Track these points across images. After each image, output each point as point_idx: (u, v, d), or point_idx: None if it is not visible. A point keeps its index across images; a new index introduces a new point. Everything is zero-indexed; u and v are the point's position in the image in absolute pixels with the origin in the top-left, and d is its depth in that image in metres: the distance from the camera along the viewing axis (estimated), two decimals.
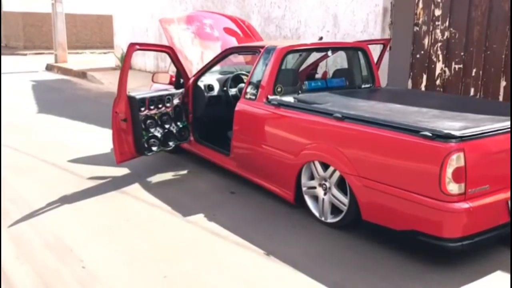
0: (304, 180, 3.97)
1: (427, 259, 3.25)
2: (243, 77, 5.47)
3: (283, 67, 4.44)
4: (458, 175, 2.97)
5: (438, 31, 6.55)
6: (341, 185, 3.69)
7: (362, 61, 4.99)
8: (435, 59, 6.62)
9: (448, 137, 2.98)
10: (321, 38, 4.90)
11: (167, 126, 4.93)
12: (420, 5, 6.70)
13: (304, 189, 3.99)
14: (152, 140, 4.77)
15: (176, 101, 5.03)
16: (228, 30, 6.18)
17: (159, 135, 4.83)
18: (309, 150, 3.83)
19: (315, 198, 3.95)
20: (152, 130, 4.76)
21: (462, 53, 6.30)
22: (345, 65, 5.14)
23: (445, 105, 3.99)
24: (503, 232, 3.24)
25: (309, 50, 4.80)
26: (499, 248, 3.38)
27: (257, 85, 4.43)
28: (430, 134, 3.02)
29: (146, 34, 12.92)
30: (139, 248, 3.46)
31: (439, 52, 6.57)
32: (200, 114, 5.30)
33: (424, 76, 6.77)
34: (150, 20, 12.59)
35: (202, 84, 5.28)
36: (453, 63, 6.43)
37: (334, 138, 3.63)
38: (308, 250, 3.42)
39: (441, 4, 6.46)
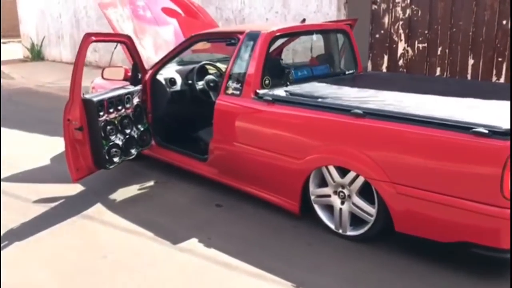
0: (312, 187, 3.40)
1: (479, 274, 2.84)
2: (208, 67, 4.75)
3: (269, 56, 3.81)
4: None
5: (398, 9, 6.21)
6: (363, 192, 3.17)
7: (346, 44, 4.48)
8: (396, 39, 6.30)
9: (507, 133, 2.55)
10: (303, 20, 4.31)
11: (127, 131, 4.12)
12: None
13: (312, 197, 3.43)
14: (114, 150, 3.95)
15: (136, 100, 4.22)
16: (168, 11, 5.39)
17: (120, 142, 4.01)
18: (320, 153, 3.26)
19: (327, 207, 3.41)
20: (112, 138, 3.93)
21: (426, 32, 6.02)
22: (325, 50, 4.59)
23: (457, 91, 3.60)
24: None
25: (295, 34, 4.19)
26: None
27: (240, 78, 3.77)
28: (486, 131, 2.58)
29: (59, 21, 11.51)
30: None
31: (400, 31, 6.24)
32: (161, 113, 4.53)
33: (385, 57, 6.43)
34: (64, 5, 11.21)
35: (162, 78, 4.49)
36: (416, 42, 6.14)
37: (354, 138, 3.09)
38: (342, 274, 2.88)
39: None
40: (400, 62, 6.31)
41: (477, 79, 5.68)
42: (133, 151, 4.19)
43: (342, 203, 3.27)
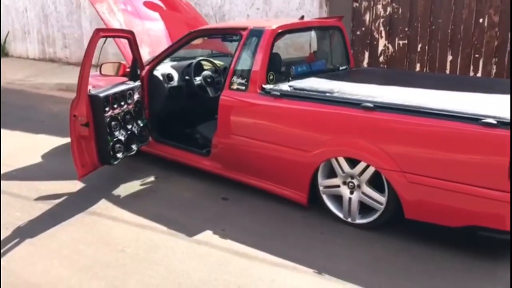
0: (321, 179, 3.53)
1: (488, 255, 3.04)
2: (204, 63, 4.80)
3: (273, 52, 3.90)
4: None
5: (379, 6, 6.43)
6: (372, 181, 3.33)
7: (340, 40, 4.63)
8: (377, 36, 6.52)
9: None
10: (302, 17, 4.41)
11: (129, 126, 4.12)
12: None
13: (321, 188, 3.55)
14: (118, 145, 3.95)
15: (136, 96, 4.22)
16: (150, 6, 5.40)
17: (123, 138, 4.02)
18: (330, 146, 3.39)
19: (335, 197, 3.54)
20: (116, 133, 3.93)
21: (406, 29, 6.26)
22: (320, 46, 4.72)
23: (455, 86, 3.82)
24: None
25: (295, 30, 4.30)
26: None
27: (245, 74, 3.84)
28: (495, 122, 2.77)
29: (25, 16, 11.18)
30: None
31: (381, 28, 6.47)
32: (159, 108, 4.55)
33: (366, 53, 6.65)
34: None
35: (159, 74, 4.51)
36: (396, 39, 6.39)
37: (365, 131, 3.23)
38: (359, 261, 3.02)
39: None
40: (381, 59, 6.54)
41: (456, 75, 5.97)
42: (134, 147, 4.20)
43: (351, 192, 3.41)
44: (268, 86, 3.75)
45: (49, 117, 6.80)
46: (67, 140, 5.44)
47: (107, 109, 3.79)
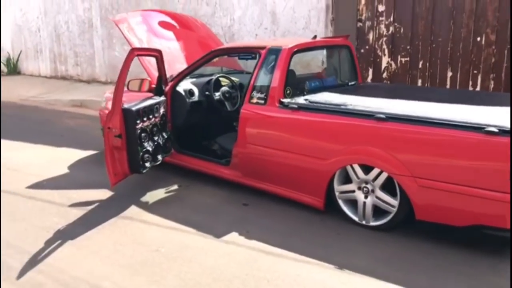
0: (337, 184, 3.84)
1: (491, 251, 3.34)
2: (221, 79, 5.14)
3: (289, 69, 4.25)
4: None
5: (382, 26, 6.81)
6: (385, 186, 3.64)
7: (349, 57, 4.98)
8: (380, 53, 6.89)
9: None
10: (315, 37, 4.77)
11: (155, 138, 4.44)
12: (363, 1, 6.90)
13: (337, 193, 3.86)
14: (146, 155, 4.26)
15: (162, 110, 4.54)
16: (164, 25, 5.73)
17: (150, 149, 4.33)
18: (345, 154, 3.70)
19: (349, 202, 3.85)
20: (145, 144, 4.25)
21: (408, 47, 6.63)
22: (331, 63, 5.07)
23: (455, 99, 4.15)
24: None
25: (309, 49, 4.64)
26: None
27: (264, 89, 4.18)
28: (497, 130, 3.09)
29: (38, 35, 11.57)
30: (199, 283, 3.04)
31: (384, 46, 6.84)
32: (181, 122, 4.87)
33: (370, 70, 7.00)
34: (43, 20, 11.29)
35: (181, 90, 4.84)
36: (399, 56, 6.75)
37: (379, 139, 3.55)
38: (375, 257, 3.32)
39: (384, 0, 6.72)
40: (384, 75, 6.89)
41: (456, 89, 6.32)
42: (159, 157, 4.51)
43: (366, 197, 3.71)
44: (286, 100, 4.08)
45: (67, 131, 7.12)
46: (89, 152, 5.81)
47: (138, 121, 4.10)
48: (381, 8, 6.76)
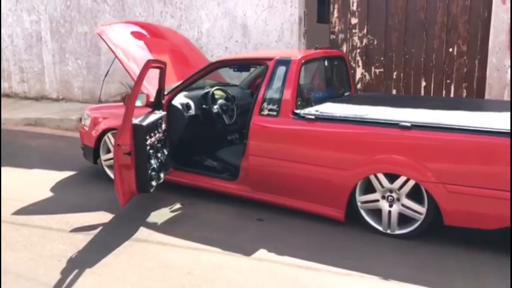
0: (359, 195, 3.81)
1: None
2: (216, 92, 4.99)
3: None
4: None
5: (356, 38, 6.97)
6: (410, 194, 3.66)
7: (343, 69, 5.02)
8: (354, 65, 7.03)
9: None
10: (316, 48, 4.76)
11: (159, 155, 4.21)
12: (336, 14, 7.03)
13: (359, 204, 3.84)
14: (153, 173, 4.02)
15: (163, 125, 4.33)
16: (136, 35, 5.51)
17: (155, 166, 4.10)
18: (369, 163, 3.69)
19: (372, 211, 3.84)
20: (152, 161, 4.01)
21: (382, 58, 6.82)
22: (327, 75, 5.09)
23: (450, 106, 4.31)
24: None
25: (315, 60, 4.61)
26: None
27: (275, 101, 4.10)
28: None
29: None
30: None
31: (358, 58, 6.99)
32: (178, 137, 4.66)
33: None
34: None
35: (178, 103, 4.65)
36: (373, 68, 6.93)
37: (404, 148, 3.57)
38: (409, 264, 3.32)
39: (357, 13, 6.88)
40: (359, 86, 7.03)
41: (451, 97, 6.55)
42: (162, 175, 4.28)
43: (391, 205, 3.72)
44: (299, 111, 4.02)
45: (31, 152, 6.63)
46: (66, 173, 5.46)
47: (147, 137, 3.87)
48: (354, 20, 6.92)
